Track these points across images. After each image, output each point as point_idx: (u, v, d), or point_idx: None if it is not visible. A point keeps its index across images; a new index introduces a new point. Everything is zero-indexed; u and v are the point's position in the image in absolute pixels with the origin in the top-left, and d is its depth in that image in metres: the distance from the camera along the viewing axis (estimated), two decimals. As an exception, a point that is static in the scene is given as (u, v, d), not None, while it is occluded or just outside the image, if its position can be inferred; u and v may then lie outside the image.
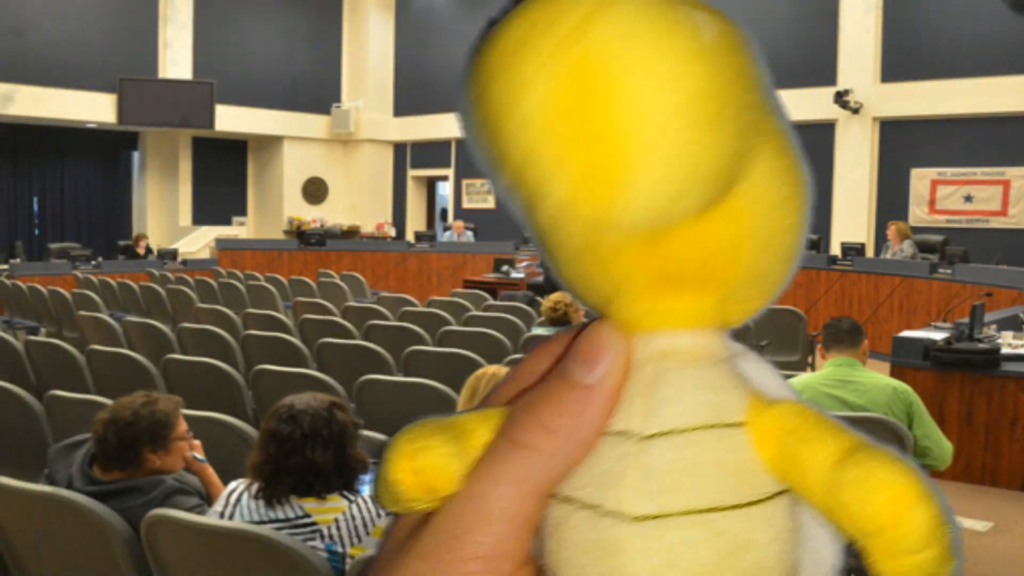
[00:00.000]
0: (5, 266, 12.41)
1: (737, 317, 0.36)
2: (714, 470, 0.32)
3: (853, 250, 11.40)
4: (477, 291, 9.89)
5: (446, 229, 17.28)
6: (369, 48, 18.80)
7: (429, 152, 18.60)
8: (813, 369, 7.15)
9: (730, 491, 0.32)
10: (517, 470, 0.34)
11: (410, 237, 17.23)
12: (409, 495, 0.35)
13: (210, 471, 2.83)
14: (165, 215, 18.05)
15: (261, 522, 2.33)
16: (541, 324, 6.21)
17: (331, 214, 18.82)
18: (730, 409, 0.33)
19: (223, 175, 18.40)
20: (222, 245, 15.46)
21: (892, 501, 0.29)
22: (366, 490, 2.47)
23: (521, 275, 12.24)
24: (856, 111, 13.46)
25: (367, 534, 2.40)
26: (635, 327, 0.34)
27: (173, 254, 14.41)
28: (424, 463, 0.34)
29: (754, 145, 0.32)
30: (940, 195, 13.16)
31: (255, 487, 2.41)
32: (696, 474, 0.32)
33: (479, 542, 0.33)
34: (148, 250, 14.46)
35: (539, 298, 8.40)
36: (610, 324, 0.35)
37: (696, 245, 0.33)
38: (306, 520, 2.37)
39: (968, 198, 12.92)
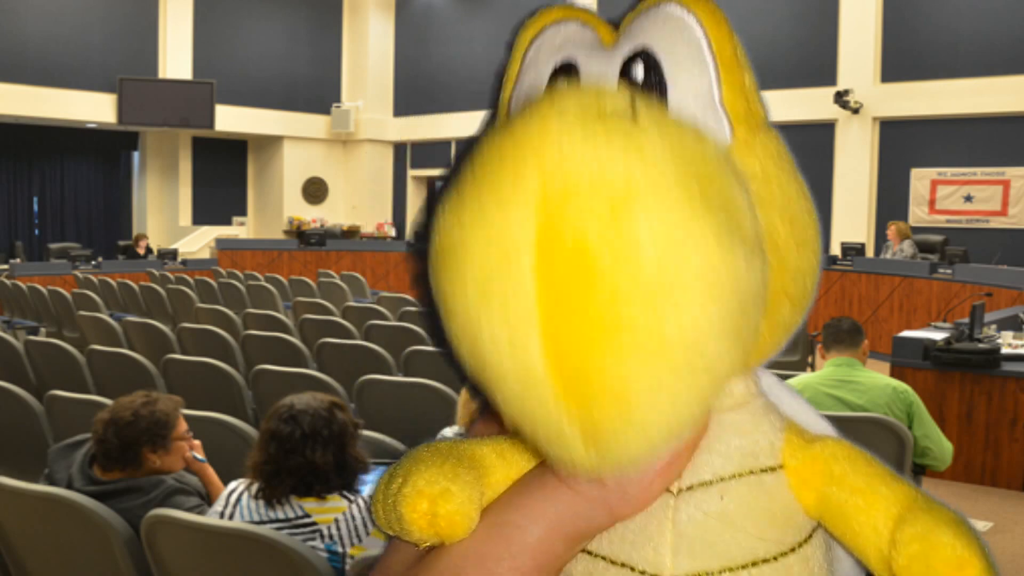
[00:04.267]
0: (5, 266, 12.41)
1: (757, 363, 0.34)
2: (749, 523, 0.30)
3: (853, 250, 11.40)
4: (477, 291, 9.87)
5: (446, 229, 17.24)
6: (369, 48, 18.80)
7: (429, 152, 18.60)
8: (813, 369, 7.14)
9: (767, 544, 0.30)
10: (556, 511, 0.31)
11: (410, 237, 17.20)
12: (420, 536, 0.32)
13: (210, 471, 2.83)
14: (165, 215, 18.04)
15: (261, 522, 2.33)
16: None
17: (331, 214, 18.82)
18: (763, 453, 0.32)
19: (223, 175, 18.40)
20: (222, 245, 15.45)
21: (957, 569, 0.28)
22: (366, 490, 2.47)
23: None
24: (856, 111, 13.46)
25: (367, 534, 2.40)
26: None
27: (173, 254, 14.40)
28: (443, 509, 0.32)
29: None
30: (940, 195, 13.15)
31: (255, 487, 2.41)
32: (731, 528, 0.30)
33: (500, 574, 0.31)
34: (148, 250, 14.46)
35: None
36: None
37: None
38: (306, 520, 2.36)
39: (968, 198, 12.91)
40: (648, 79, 0.31)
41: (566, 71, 0.33)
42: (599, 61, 0.32)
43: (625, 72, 0.31)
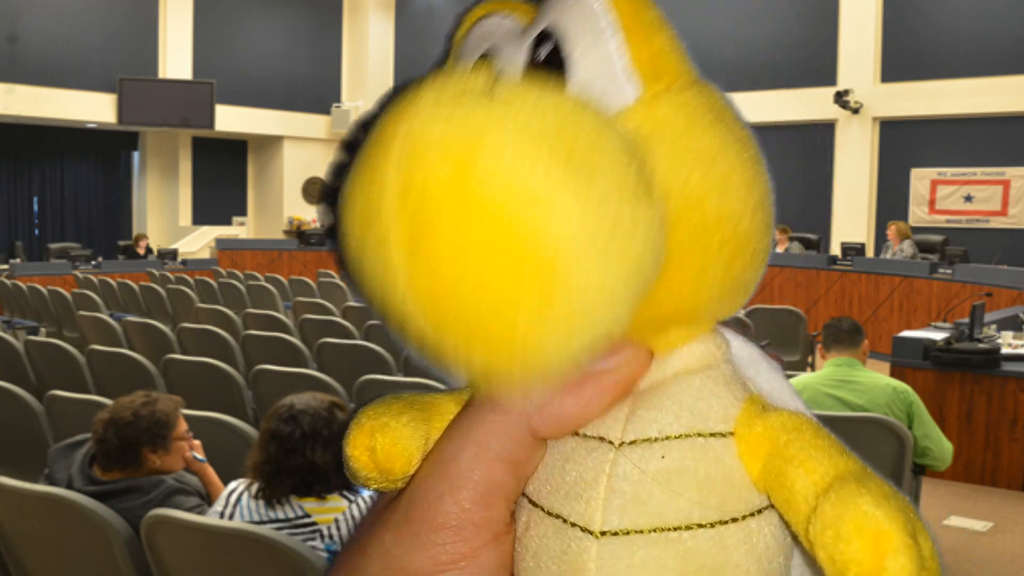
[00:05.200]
0: (5, 266, 12.41)
1: (726, 314, 0.34)
2: (688, 485, 0.30)
3: (853, 250, 11.40)
4: (477, 291, 9.87)
5: (446, 229, 17.27)
6: (369, 48, 18.80)
7: (429, 152, 18.58)
8: (813, 369, 7.14)
9: (705, 509, 0.29)
10: (480, 432, 0.32)
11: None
12: (363, 472, 0.33)
13: (210, 471, 2.83)
14: (165, 215, 18.04)
15: (261, 522, 2.33)
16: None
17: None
18: (714, 418, 0.31)
19: (223, 175, 18.40)
20: (222, 245, 15.46)
21: (871, 548, 0.26)
22: (366, 490, 2.47)
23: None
24: (856, 111, 13.46)
25: (367, 534, 2.40)
26: None
27: (173, 254, 14.40)
28: (381, 442, 0.33)
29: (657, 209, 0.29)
30: (940, 195, 13.15)
31: (255, 487, 2.41)
32: (668, 489, 0.30)
33: (446, 511, 0.31)
34: (148, 250, 14.46)
35: None
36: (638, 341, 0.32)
37: (649, 307, 0.30)
38: (306, 520, 2.36)
39: (968, 198, 12.92)
40: (551, 57, 0.32)
41: (485, 59, 0.35)
42: (512, 47, 0.34)
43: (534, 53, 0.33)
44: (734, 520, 0.30)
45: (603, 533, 0.30)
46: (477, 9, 0.37)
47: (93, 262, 13.11)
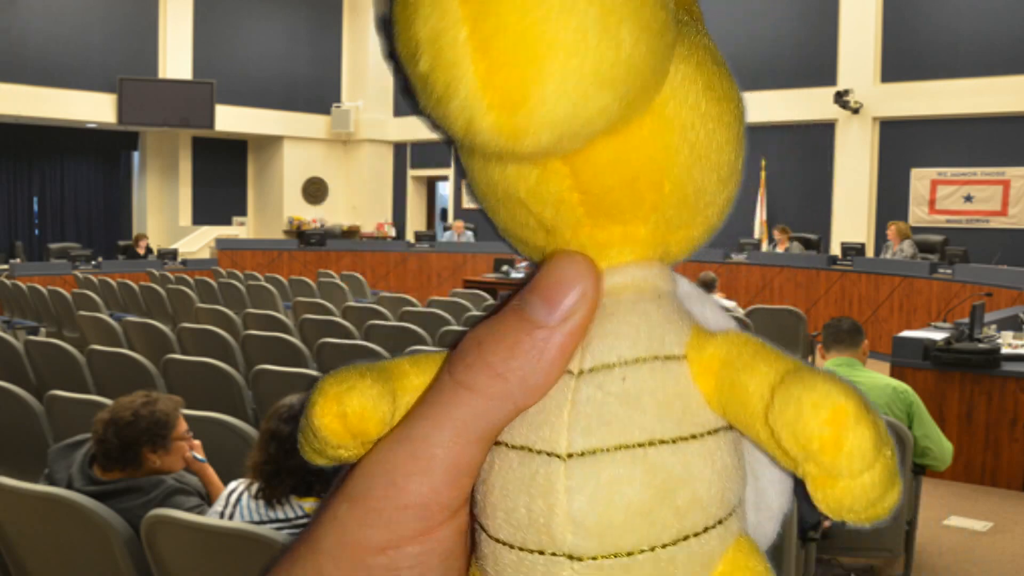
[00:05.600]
0: (5, 266, 12.41)
1: (678, 247, 0.34)
2: (650, 404, 0.30)
3: (853, 250, 11.40)
4: (477, 291, 9.89)
5: (446, 229, 17.28)
6: (369, 48, 18.79)
7: (429, 152, 18.60)
8: (813, 369, 7.14)
9: (666, 425, 0.30)
10: (460, 415, 0.31)
11: (410, 237, 17.23)
12: (335, 441, 0.33)
13: (210, 471, 2.83)
14: (165, 215, 18.05)
15: (261, 522, 2.33)
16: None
17: (331, 214, 18.82)
18: (669, 342, 0.32)
19: (223, 175, 18.40)
20: (222, 245, 15.46)
21: (831, 421, 0.28)
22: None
23: (521, 275, 12.20)
24: (856, 111, 13.46)
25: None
26: None
27: (173, 254, 14.41)
28: (351, 405, 0.32)
29: (675, 50, 0.30)
30: (940, 195, 13.15)
31: (255, 487, 2.41)
32: (630, 408, 0.30)
33: (414, 490, 0.31)
34: (148, 250, 14.46)
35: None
36: (579, 255, 0.32)
37: (618, 165, 0.31)
38: (306, 520, 2.36)
39: (968, 198, 12.92)
40: None
41: None
42: None
43: None
44: (694, 437, 0.31)
45: (570, 455, 0.30)
46: None
47: (93, 262, 13.12)
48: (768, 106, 13.25)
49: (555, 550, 0.30)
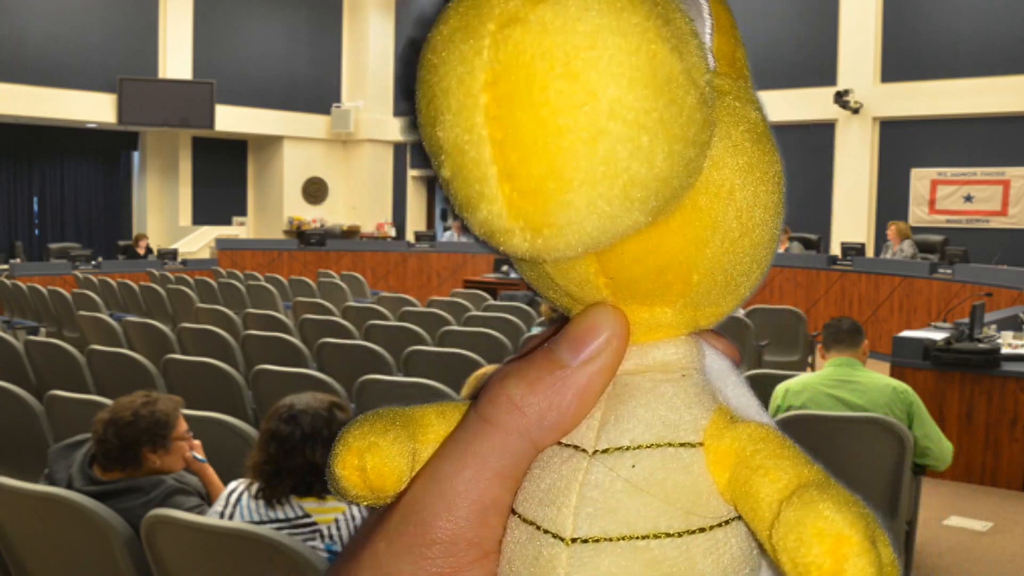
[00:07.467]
0: (5, 266, 12.41)
1: (707, 321, 0.33)
2: (658, 493, 0.30)
3: (853, 250, 11.40)
4: (477, 291, 9.89)
5: (446, 229, 17.28)
6: (369, 48, 18.80)
7: (429, 152, 18.56)
8: (813, 369, 7.14)
9: (673, 517, 0.30)
10: (481, 450, 0.32)
11: (410, 237, 17.23)
12: (354, 492, 0.34)
13: (210, 471, 2.83)
14: (165, 215, 18.04)
15: (261, 522, 2.33)
16: (540, 324, 6.21)
17: (331, 214, 18.82)
18: (685, 427, 0.31)
19: (223, 175, 18.40)
20: (222, 245, 15.46)
21: (832, 552, 0.27)
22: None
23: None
24: (856, 111, 13.46)
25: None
26: None
27: (173, 254, 14.40)
28: (371, 462, 0.33)
29: (712, 140, 0.29)
30: (940, 195, 13.15)
31: (255, 487, 2.41)
32: (637, 497, 0.30)
33: (441, 527, 0.32)
34: (148, 250, 14.46)
35: (539, 297, 8.37)
36: (611, 306, 0.32)
37: (645, 257, 0.30)
38: (306, 520, 2.37)
39: (968, 198, 12.92)
40: None
41: None
42: None
43: None
44: (701, 530, 0.30)
45: (574, 540, 0.30)
46: None
47: (93, 262, 13.11)
48: (768, 106, 13.18)
49: None
